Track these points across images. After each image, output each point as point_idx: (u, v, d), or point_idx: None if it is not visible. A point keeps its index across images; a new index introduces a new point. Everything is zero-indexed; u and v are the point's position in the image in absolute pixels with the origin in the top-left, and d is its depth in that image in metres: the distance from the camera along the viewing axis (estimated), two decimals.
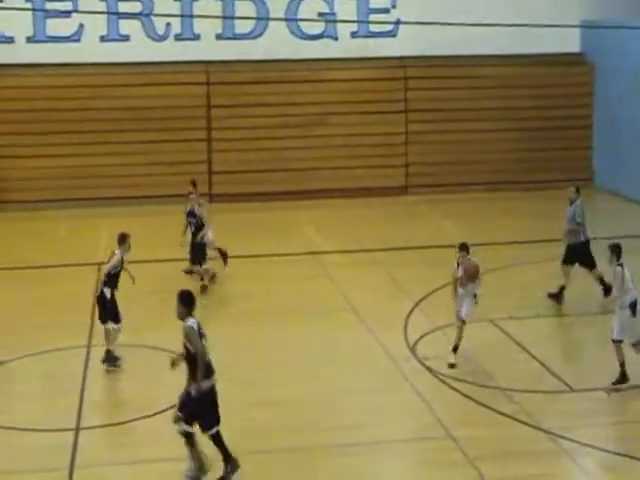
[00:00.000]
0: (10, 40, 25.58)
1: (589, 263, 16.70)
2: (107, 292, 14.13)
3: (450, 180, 26.44)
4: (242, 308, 16.76)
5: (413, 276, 18.21)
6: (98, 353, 14.48)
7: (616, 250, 13.35)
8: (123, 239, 14.37)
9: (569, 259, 16.71)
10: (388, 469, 11.11)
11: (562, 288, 16.53)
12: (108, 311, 14.12)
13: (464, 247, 14.03)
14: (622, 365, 13.02)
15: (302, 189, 25.86)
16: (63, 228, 22.68)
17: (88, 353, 14.58)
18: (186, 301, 10.74)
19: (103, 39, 25.90)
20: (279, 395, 12.93)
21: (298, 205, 24.91)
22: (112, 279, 14.14)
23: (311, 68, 26.36)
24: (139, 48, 25.86)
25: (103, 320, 14.19)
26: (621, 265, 13.25)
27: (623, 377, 13.01)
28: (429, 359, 14.05)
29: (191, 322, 10.63)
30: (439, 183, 26.27)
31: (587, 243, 16.79)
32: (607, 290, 16.19)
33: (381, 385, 13.33)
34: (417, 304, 16.52)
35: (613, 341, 13.08)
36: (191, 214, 18.13)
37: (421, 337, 15.02)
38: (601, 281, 16.64)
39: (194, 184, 18.97)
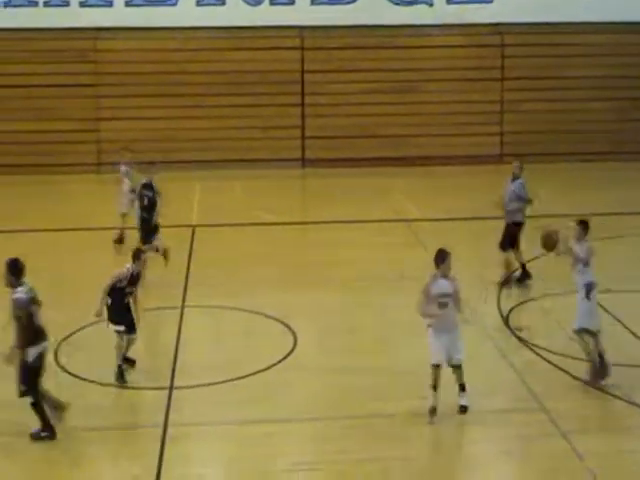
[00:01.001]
0: (109, 3, 25.97)
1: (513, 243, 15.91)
2: (109, 301, 12.62)
3: (545, 149, 25.95)
4: (335, 275, 16.73)
5: None
6: (191, 314, 14.74)
7: (584, 226, 12.48)
8: (138, 255, 12.87)
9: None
10: (477, 440, 11.04)
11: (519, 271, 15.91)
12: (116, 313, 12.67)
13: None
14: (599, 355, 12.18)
15: (395, 156, 25.69)
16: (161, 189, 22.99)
17: (182, 314, 14.81)
18: (13, 270, 10.66)
19: (199, 3, 26.04)
20: (370, 362, 12.94)
21: (390, 172, 24.77)
22: (115, 292, 12.57)
23: (405, 34, 26.08)
24: (234, 12, 25.93)
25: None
26: (584, 242, 12.28)
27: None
28: (522, 330, 13.88)
29: (19, 291, 10.57)
30: (534, 152, 25.80)
31: (522, 225, 15.92)
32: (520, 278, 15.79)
33: (472, 355, 13.20)
34: (511, 274, 16.29)
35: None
36: (148, 186, 16.86)
37: (514, 307, 14.85)
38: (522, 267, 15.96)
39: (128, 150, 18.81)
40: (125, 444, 10.82)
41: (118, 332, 12.54)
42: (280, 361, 12.98)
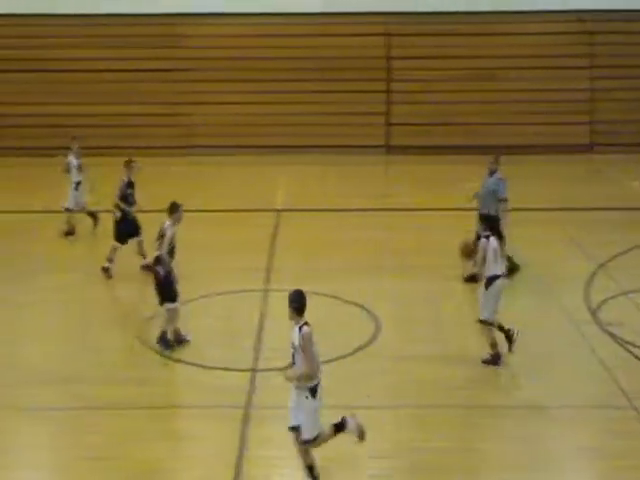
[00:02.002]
0: None
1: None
2: (160, 270, 12.93)
3: (638, 139, 25.35)
4: (418, 262, 16.62)
5: (595, 238, 17.60)
6: (275, 297, 14.78)
7: (486, 221, 12.65)
8: (174, 209, 13.11)
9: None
10: (562, 435, 10.83)
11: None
12: (164, 291, 12.92)
13: None
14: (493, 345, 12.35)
15: (479, 144, 25.35)
16: (244, 174, 23.14)
17: (265, 297, 14.86)
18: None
19: None
20: (451, 351, 12.83)
21: (473, 160, 24.45)
22: (167, 254, 12.93)
23: (489, 21, 25.76)
24: None
25: (159, 301, 13.01)
26: (487, 236, 12.38)
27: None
28: (612, 325, 13.57)
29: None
30: (627, 142, 25.22)
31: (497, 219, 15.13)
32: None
33: (558, 348, 12.99)
34: (600, 266, 15.96)
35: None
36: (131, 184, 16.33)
37: (604, 301, 14.54)
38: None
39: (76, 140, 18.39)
40: (207, 423, 10.90)
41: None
42: (361, 348, 12.94)
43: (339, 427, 9.68)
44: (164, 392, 11.63)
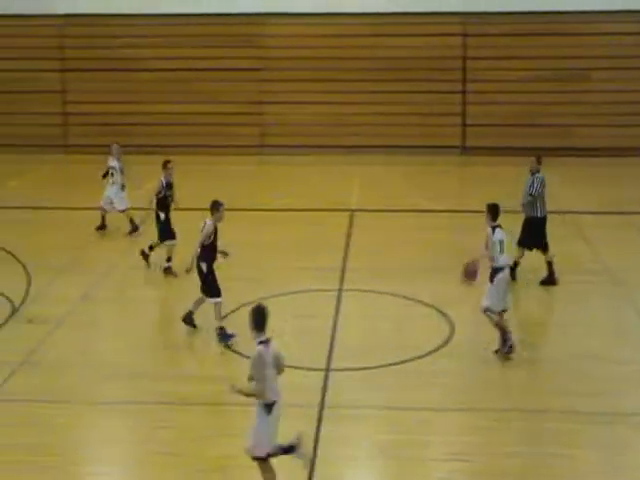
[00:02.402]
0: None
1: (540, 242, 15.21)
2: (203, 266, 13.14)
3: None
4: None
5: None
6: (348, 297, 14.80)
7: (492, 210, 12.58)
8: (216, 207, 13.28)
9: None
10: (626, 443, 10.61)
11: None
12: (208, 286, 13.20)
13: None
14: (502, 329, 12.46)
15: (557, 146, 25.06)
16: (319, 174, 23.20)
17: (339, 297, 14.88)
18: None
19: None
20: (527, 355, 12.67)
21: (550, 162, 24.09)
22: (207, 251, 13.14)
23: (571, 21, 25.37)
24: None
25: (206, 295, 13.33)
26: (494, 227, 12.44)
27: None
28: None
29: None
30: None
31: (543, 219, 15.25)
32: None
33: (632, 354, 12.75)
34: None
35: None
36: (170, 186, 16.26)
37: None
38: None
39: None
40: (282, 421, 10.91)
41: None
42: (437, 349, 12.86)
43: (288, 450, 9.35)
44: None
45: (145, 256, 16.20)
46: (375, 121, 25.64)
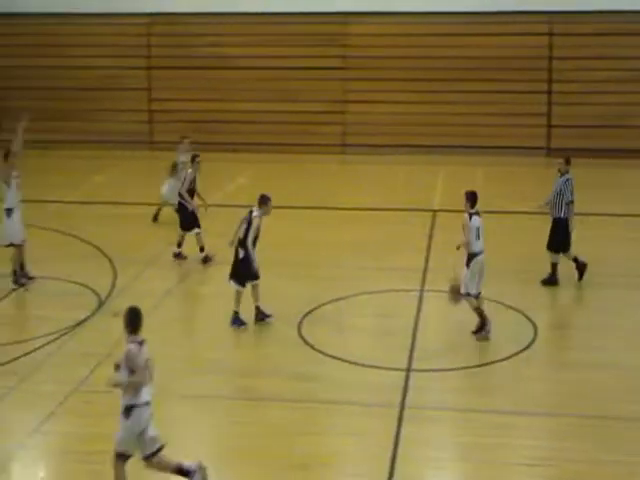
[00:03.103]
0: None
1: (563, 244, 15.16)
2: (241, 252, 13.55)
3: None
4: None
5: None
6: (430, 298, 14.75)
7: (470, 198, 13.00)
8: (264, 201, 13.58)
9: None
10: None
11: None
12: (244, 271, 13.58)
13: None
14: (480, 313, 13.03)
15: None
16: (401, 173, 23.13)
17: (420, 297, 14.83)
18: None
19: None
20: (612, 360, 12.45)
21: (636, 164, 23.71)
22: (253, 242, 13.56)
23: None
24: None
25: (239, 281, 13.70)
26: (471, 214, 12.94)
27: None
28: None
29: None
30: None
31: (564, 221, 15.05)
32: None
33: None
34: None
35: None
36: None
37: None
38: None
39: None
40: (362, 420, 10.97)
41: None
42: (519, 352, 12.73)
43: (183, 472, 9.20)
44: (320, 388, 11.76)
45: (178, 255, 16.50)
46: (459, 121, 25.45)
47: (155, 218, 18.92)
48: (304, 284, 15.26)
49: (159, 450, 9.12)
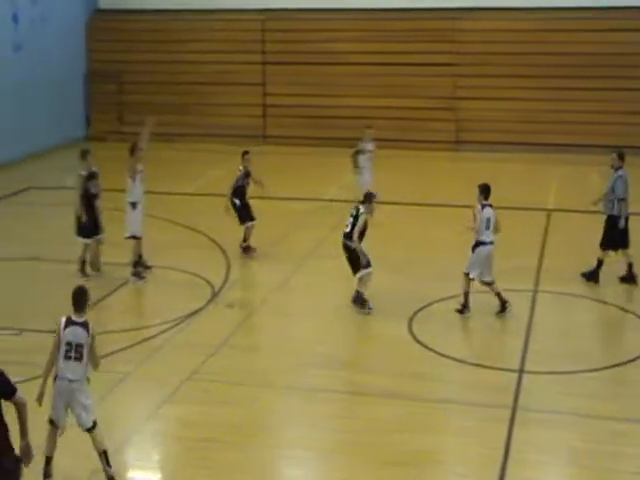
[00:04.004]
0: None
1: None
2: (351, 244, 14.01)
3: None
4: None
5: None
6: (544, 299, 14.52)
7: (484, 190, 13.71)
8: (369, 198, 14.16)
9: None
10: None
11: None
12: (357, 261, 14.05)
13: None
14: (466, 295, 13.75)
15: None
16: (514, 171, 22.81)
17: (534, 297, 14.61)
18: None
19: None
20: None
21: None
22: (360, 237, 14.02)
23: None
24: None
25: (353, 271, 14.15)
26: (483, 205, 13.63)
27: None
28: None
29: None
30: None
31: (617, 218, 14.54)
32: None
33: None
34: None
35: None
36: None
37: None
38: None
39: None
40: (472, 420, 10.87)
41: None
42: (636, 358, 12.39)
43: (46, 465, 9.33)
44: (430, 385, 11.72)
45: (248, 249, 16.70)
46: (576, 119, 24.97)
47: None
48: (415, 281, 15.20)
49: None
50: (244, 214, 16.78)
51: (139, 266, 15.52)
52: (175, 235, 18.00)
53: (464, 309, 13.82)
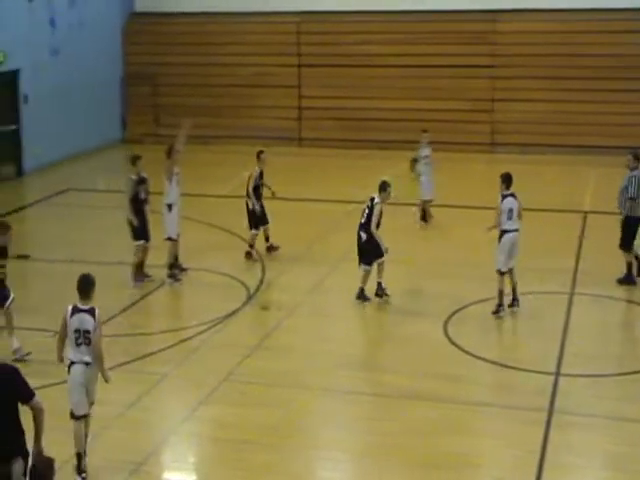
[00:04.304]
0: None
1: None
2: (363, 235, 14.30)
3: None
4: None
5: None
6: (581, 301, 14.43)
7: (505, 180, 13.80)
8: (384, 187, 14.28)
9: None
10: None
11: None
12: (368, 253, 14.37)
13: None
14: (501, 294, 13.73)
15: None
16: (550, 173, 22.70)
17: (570, 300, 14.53)
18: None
19: None
20: None
21: None
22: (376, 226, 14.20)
23: None
24: None
25: (361, 261, 14.48)
26: (504, 196, 13.73)
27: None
28: None
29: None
30: None
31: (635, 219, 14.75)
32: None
33: None
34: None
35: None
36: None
37: None
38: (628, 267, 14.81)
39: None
40: (508, 423, 10.83)
41: None
42: None
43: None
44: (466, 388, 11.68)
45: (271, 248, 16.81)
46: (610, 121, 24.79)
47: (423, 218, 18.87)
48: (450, 283, 15.19)
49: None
50: (254, 219, 16.75)
51: (175, 268, 15.64)
52: (211, 237, 18.11)
53: (499, 308, 13.78)
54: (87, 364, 9.31)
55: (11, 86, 23.80)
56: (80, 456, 9.41)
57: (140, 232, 15.37)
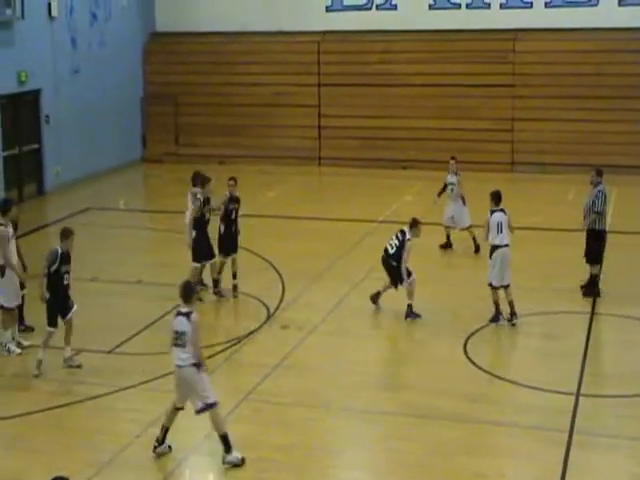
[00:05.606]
0: (529, 5, 26.07)
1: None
2: (394, 262, 14.58)
3: None
4: None
5: None
6: (601, 321, 14.38)
7: (494, 197, 14.27)
8: (415, 224, 14.51)
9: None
10: None
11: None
12: (397, 275, 14.59)
13: None
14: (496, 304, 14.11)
15: None
16: (570, 192, 22.61)
17: (591, 320, 14.46)
18: None
19: (621, 3, 25.39)
20: None
21: None
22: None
23: None
24: None
25: (393, 283, 14.76)
26: (492, 211, 14.11)
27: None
28: None
29: None
30: None
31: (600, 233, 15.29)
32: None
33: None
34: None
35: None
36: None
37: None
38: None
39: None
40: (529, 443, 10.78)
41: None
42: None
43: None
44: (486, 408, 11.64)
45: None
46: (628, 140, 24.73)
47: (446, 245, 18.54)
48: (471, 302, 15.15)
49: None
50: (230, 244, 15.87)
51: (218, 285, 15.67)
52: None
53: (498, 317, 14.09)
54: (178, 367, 10.17)
55: (33, 106, 24.01)
56: (225, 437, 10.20)
57: (204, 251, 15.36)
